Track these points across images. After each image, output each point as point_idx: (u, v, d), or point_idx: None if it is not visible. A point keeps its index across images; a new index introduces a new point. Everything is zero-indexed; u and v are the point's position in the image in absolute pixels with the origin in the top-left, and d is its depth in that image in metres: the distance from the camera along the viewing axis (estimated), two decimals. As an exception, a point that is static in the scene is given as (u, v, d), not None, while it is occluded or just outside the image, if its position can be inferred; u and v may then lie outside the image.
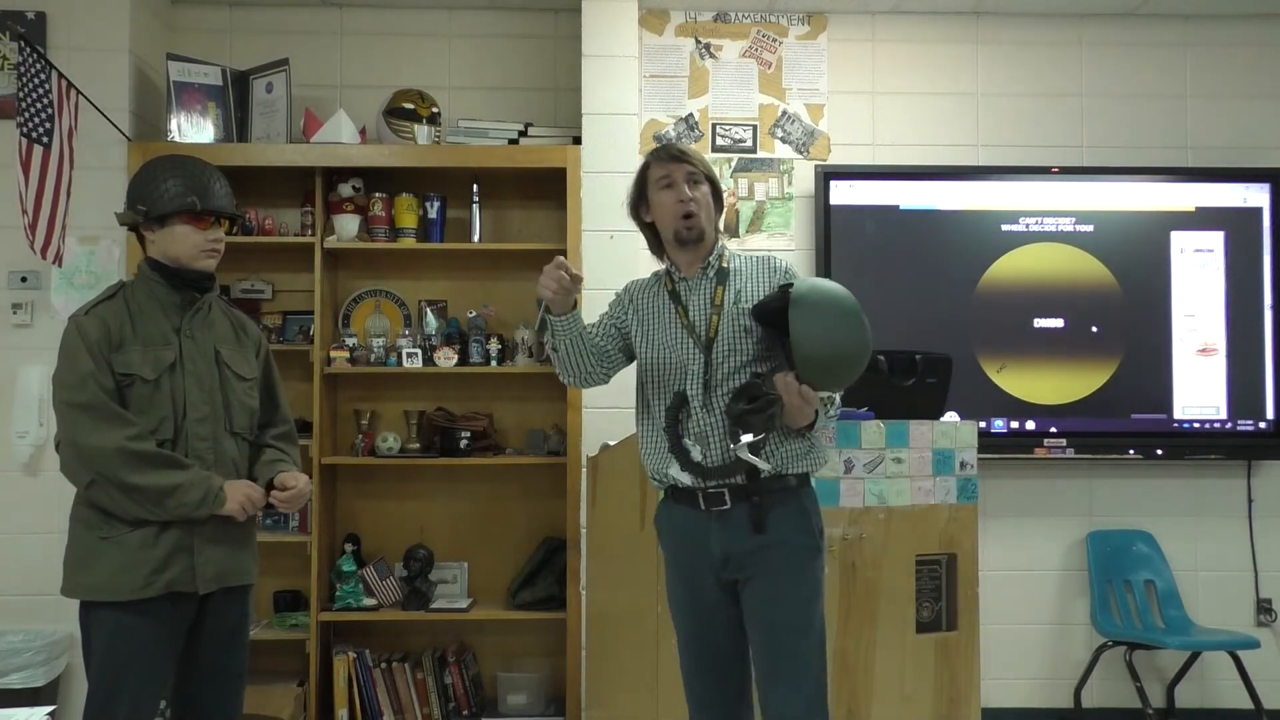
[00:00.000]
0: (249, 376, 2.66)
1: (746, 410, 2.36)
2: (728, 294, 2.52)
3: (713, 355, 2.47)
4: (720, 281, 2.54)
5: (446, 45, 4.49)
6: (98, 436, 2.41)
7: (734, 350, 2.47)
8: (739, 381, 2.45)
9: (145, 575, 2.42)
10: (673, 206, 2.52)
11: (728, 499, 2.44)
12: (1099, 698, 4.33)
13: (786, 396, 2.34)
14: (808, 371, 2.32)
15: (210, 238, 2.57)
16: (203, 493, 2.45)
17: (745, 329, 2.48)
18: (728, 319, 2.49)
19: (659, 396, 2.53)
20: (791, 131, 4.44)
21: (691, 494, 2.48)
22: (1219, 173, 4.40)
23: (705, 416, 2.46)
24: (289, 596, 4.19)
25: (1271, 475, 4.42)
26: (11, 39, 3.93)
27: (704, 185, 2.55)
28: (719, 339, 2.48)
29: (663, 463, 2.51)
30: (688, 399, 2.47)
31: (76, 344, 2.47)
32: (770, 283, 2.54)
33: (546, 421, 4.30)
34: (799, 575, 2.45)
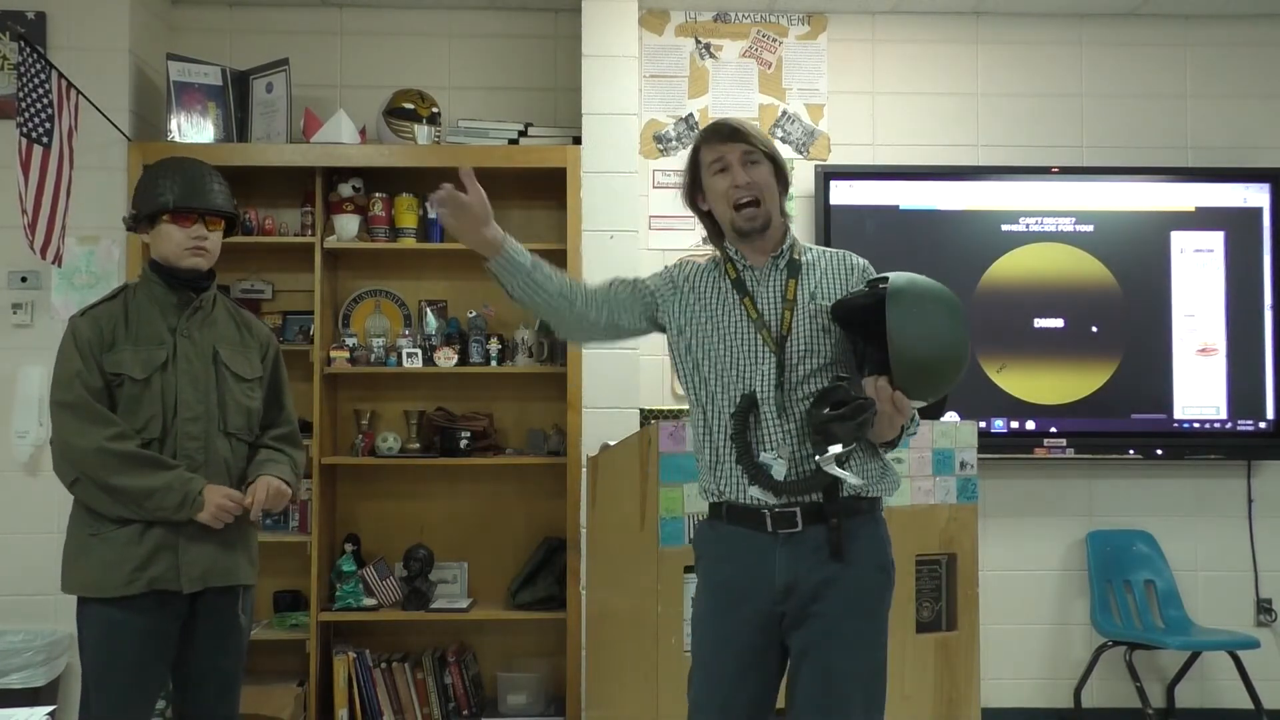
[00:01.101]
0: (249, 377, 2.66)
1: (834, 416, 2.07)
2: (801, 289, 2.24)
3: (786, 355, 2.19)
4: (792, 274, 2.25)
5: (446, 45, 4.49)
6: (79, 436, 2.45)
7: (811, 351, 2.20)
8: (815, 386, 2.18)
9: (128, 572, 2.45)
10: (728, 193, 2.24)
11: (799, 520, 2.15)
12: (1099, 698, 4.33)
13: (880, 403, 2.07)
14: (904, 376, 2.05)
15: (193, 235, 2.58)
16: (181, 496, 2.46)
17: (824, 328, 2.21)
18: (803, 315, 2.22)
19: (718, 399, 2.22)
20: (791, 131, 4.44)
21: (755, 513, 2.17)
22: (1219, 173, 4.40)
23: (781, 423, 2.17)
24: (289, 596, 4.19)
25: (1271, 475, 4.42)
26: (11, 39, 3.93)
27: (763, 165, 2.25)
28: (793, 337, 2.20)
29: (726, 475, 2.21)
30: (757, 402, 2.18)
31: (69, 344, 2.53)
32: (848, 281, 2.27)
33: (546, 421, 4.30)
34: (872, 616, 2.19)
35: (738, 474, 2.19)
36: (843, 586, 2.15)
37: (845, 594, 2.15)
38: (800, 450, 2.17)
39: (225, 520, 2.52)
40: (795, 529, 2.16)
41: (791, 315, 2.22)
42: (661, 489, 3.04)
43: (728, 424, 2.20)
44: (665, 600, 3.02)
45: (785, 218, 2.33)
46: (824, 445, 2.09)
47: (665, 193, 4.38)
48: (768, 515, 2.17)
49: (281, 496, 2.61)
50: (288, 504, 2.71)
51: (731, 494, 2.21)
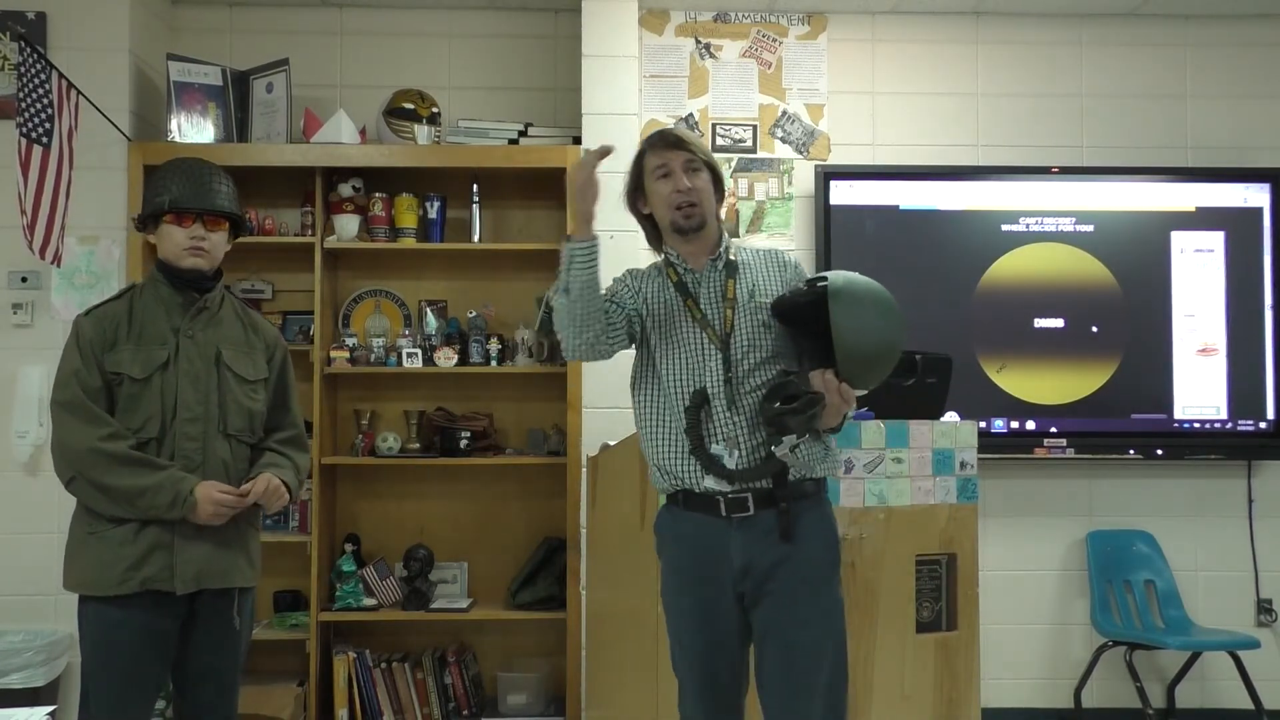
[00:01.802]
0: (252, 378, 2.65)
1: (786, 410, 2.20)
2: (740, 287, 2.39)
3: (731, 351, 2.34)
4: (730, 274, 2.40)
5: (446, 45, 4.49)
6: (73, 435, 2.46)
7: (754, 346, 2.34)
8: (760, 379, 2.32)
9: (122, 571, 2.45)
10: (670, 197, 2.38)
11: (751, 505, 2.29)
12: (1099, 698, 4.33)
13: (828, 395, 2.21)
14: (848, 368, 2.20)
15: (192, 235, 2.58)
16: (172, 495, 2.45)
17: (763, 324, 2.36)
18: (744, 313, 2.36)
19: (672, 394, 2.36)
20: (791, 131, 4.44)
21: (710, 499, 2.31)
22: (1219, 173, 4.40)
23: (731, 416, 2.31)
24: (289, 596, 4.19)
25: (1271, 475, 4.42)
26: (11, 39, 3.93)
27: (703, 173, 2.40)
28: (735, 333, 2.35)
29: (682, 465, 2.34)
30: (708, 397, 2.32)
31: (71, 343, 2.55)
32: (782, 277, 2.43)
33: (546, 421, 4.29)
34: (822, 591, 2.33)
35: (693, 465, 2.32)
36: (794, 566, 2.30)
37: (797, 573, 2.30)
38: (750, 440, 2.31)
39: (224, 515, 2.51)
40: (748, 513, 2.30)
41: (733, 313, 2.37)
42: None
43: (681, 419, 2.33)
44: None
45: (720, 222, 2.49)
46: (778, 437, 2.24)
47: (665, 193, 4.38)
48: (722, 501, 2.31)
49: (278, 496, 2.59)
50: (286, 505, 2.68)
51: (688, 483, 2.34)
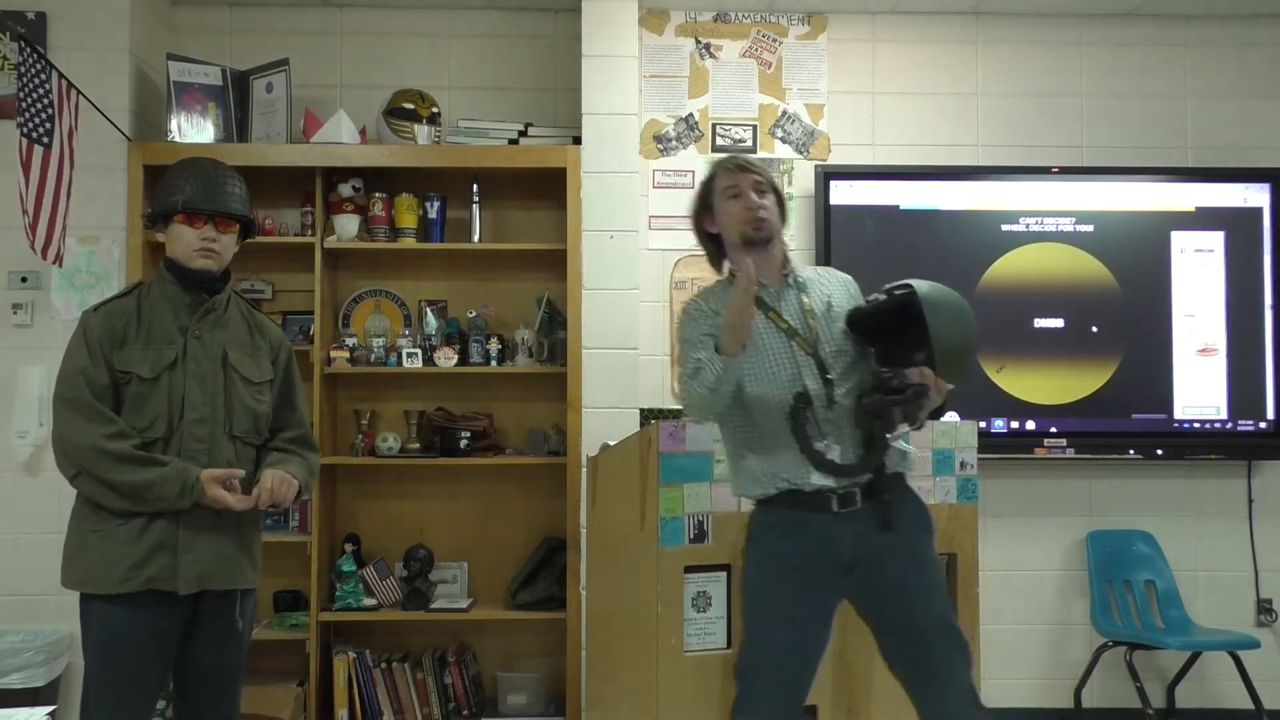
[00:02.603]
0: (257, 380, 2.65)
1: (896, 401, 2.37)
2: (815, 300, 2.57)
3: (822, 356, 2.50)
4: (801, 290, 2.59)
5: (446, 45, 4.49)
6: (77, 433, 2.46)
7: (840, 351, 2.52)
8: (849, 383, 2.49)
9: (125, 570, 2.45)
10: (741, 214, 2.55)
11: (858, 499, 2.45)
12: (1099, 698, 4.33)
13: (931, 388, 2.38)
14: (945, 361, 2.38)
15: (203, 237, 2.57)
16: (180, 485, 2.45)
17: (844, 332, 2.55)
18: (825, 321, 2.55)
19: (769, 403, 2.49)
20: (791, 131, 4.44)
21: (821, 497, 2.45)
22: (1219, 173, 4.40)
23: (830, 415, 2.47)
24: (289, 596, 4.19)
25: (1271, 475, 4.42)
26: (11, 39, 3.93)
27: (770, 195, 2.57)
28: (822, 341, 2.52)
29: (792, 467, 2.46)
30: (810, 399, 2.46)
31: (78, 340, 2.54)
32: (846, 291, 2.63)
33: (546, 421, 4.30)
34: (928, 568, 2.51)
35: (803, 464, 2.44)
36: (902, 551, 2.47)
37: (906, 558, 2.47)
38: (852, 437, 2.47)
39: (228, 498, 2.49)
40: (856, 507, 2.45)
41: (815, 323, 2.54)
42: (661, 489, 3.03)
43: (785, 422, 2.46)
44: (665, 600, 3.01)
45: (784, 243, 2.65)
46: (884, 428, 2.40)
47: (665, 193, 4.38)
48: (834, 498, 2.45)
49: (287, 485, 2.57)
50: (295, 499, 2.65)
51: (797, 483, 2.46)
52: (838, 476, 2.44)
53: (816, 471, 2.44)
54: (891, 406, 2.38)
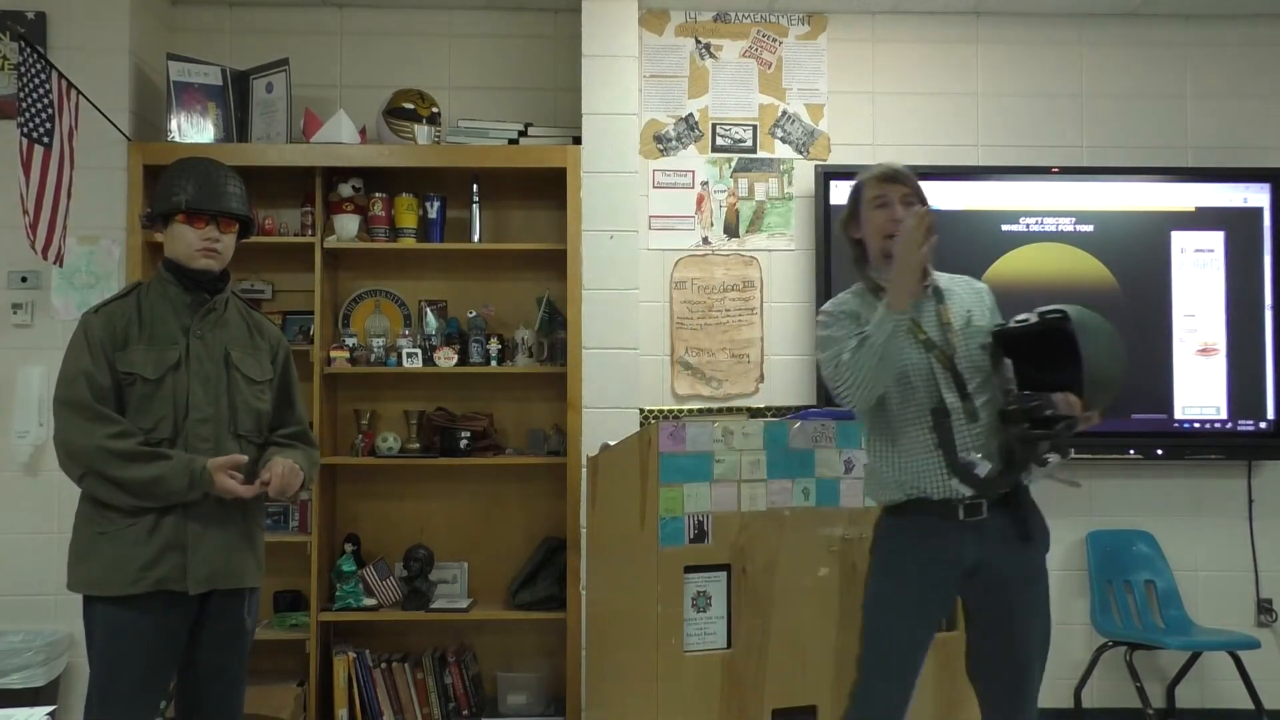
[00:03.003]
0: (259, 379, 2.66)
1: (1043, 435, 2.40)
2: (953, 312, 2.59)
3: (959, 369, 2.52)
4: (939, 300, 2.60)
5: (446, 45, 4.49)
6: (80, 435, 2.45)
7: (976, 366, 2.54)
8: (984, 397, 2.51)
9: (135, 571, 2.45)
10: (885, 225, 2.57)
11: (984, 509, 2.49)
12: (1099, 698, 4.33)
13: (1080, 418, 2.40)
14: (1094, 393, 2.40)
15: (205, 237, 2.58)
16: (188, 476, 2.45)
17: (981, 346, 2.56)
18: (963, 335, 2.56)
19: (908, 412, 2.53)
20: (791, 131, 4.44)
21: (947, 505, 2.49)
22: (1219, 173, 4.40)
23: (973, 428, 2.50)
24: (289, 596, 4.19)
25: (1271, 475, 4.42)
26: (11, 39, 3.93)
27: (917, 207, 2.57)
28: (959, 354, 2.54)
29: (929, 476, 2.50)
30: (948, 412, 2.50)
31: (80, 341, 2.53)
32: (982, 303, 2.65)
33: (546, 421, 4.30)
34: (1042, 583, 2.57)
35: (942, 474, 2.48)
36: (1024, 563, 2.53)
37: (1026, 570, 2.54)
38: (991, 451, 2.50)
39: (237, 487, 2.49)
40: (981, 516, 2.49)
41: (953, 336, 2.56)
42: (661, 489, 3.04)
43: (928, 435, 2.50)
44: (665, 600, 3.02)
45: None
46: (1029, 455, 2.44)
47: (665, 193, 4.38)
48: (961, 506, 2.48)
49: (296, 476, 2.58)
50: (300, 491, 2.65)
51: (928, 490, 2.50)
52: (979, 489, 2.48)
53: (958, 482, 2.48)
54: (1041, 439, 2.41)
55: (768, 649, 3.08)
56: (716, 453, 3.05)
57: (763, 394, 4.36)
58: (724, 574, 3.07)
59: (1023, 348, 2.52)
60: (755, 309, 4.38)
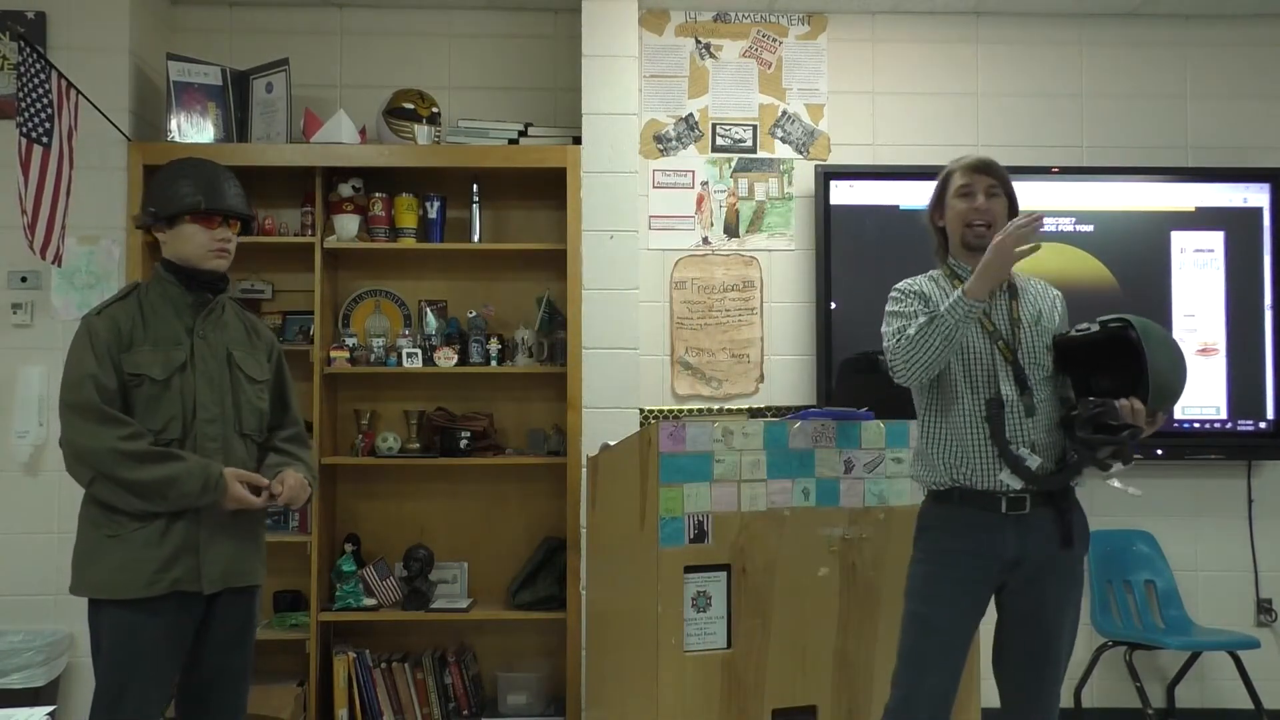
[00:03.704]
0: (260, 379, 2.67)
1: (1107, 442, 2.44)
2: (1024, 310, 2.62)
3: (1021, 363, 2.56)
4: (1013, 296, 2.63)
5: (446, 45, 4.49)
6: (91, 438, 2.43)
7: (1038, 364, 2.57)
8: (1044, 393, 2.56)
9: (150, 574, 2.44)
10: (967, 215, 2.61)
11: (1028, 504, 2.52)
12: (1099, 698, 4.33)
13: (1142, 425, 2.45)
14: (1159, 399, 2.46)
15: (218, 238, 2.59)
16: (202, 480, 2.45)
17: (1046, 346, 2.60)
18: (1030, 332, 2.59)
19: (966, 400, 2.56)
20: (791, 131, 4.44)
21: (991, 496, 2.52)
22: (1219, 173, 4.40)
23: (1029, 423, 2.53)
24: (289, 596, 4.19)
25: (1271, 475, 4.42)
26: (11, 39, 3.93)
27: (1001, 200, 2.62)
28: (1023, 350, 2.58)
29: (977, 464, 2.53)
30: (1004, 403, 2.53)
31: (84, 344, 2.51)
32: (1054, 309, 2.68)
33: (546, 421, 4.30)
34: (1077, 585, 2.60)
35: (993, 464, 2.52)
36: (1063, 562, 2.56)
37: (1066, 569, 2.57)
38: (1046, 449, 2.54)
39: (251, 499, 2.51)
40: (1024, 511, 2.52)
41: (1019, 331, 2.59)
42: (661, 489, 3.04)
43: (981, 423, 2.54)
44: (665, 600, 3.02)
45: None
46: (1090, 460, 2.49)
47: (665, 192, 4.38)
48: (1004, 499, 2.52)
49: (305, 492, 2.63)
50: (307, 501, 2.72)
51: (973, 480, 2.54)
52: (1028, 483, 2.50)
53: (1007, 474, 2.50)
54: (1104, 445, 2.45)
55: (768, 649, 3.08)
56: (716, 453, 3.05)
57: (763, 394, 4.36)
58: (724, 574, 3.07)
59: (1080, 356, 2.57)
60: (755, 309, 4.38)
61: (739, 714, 3.06)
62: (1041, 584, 2.55)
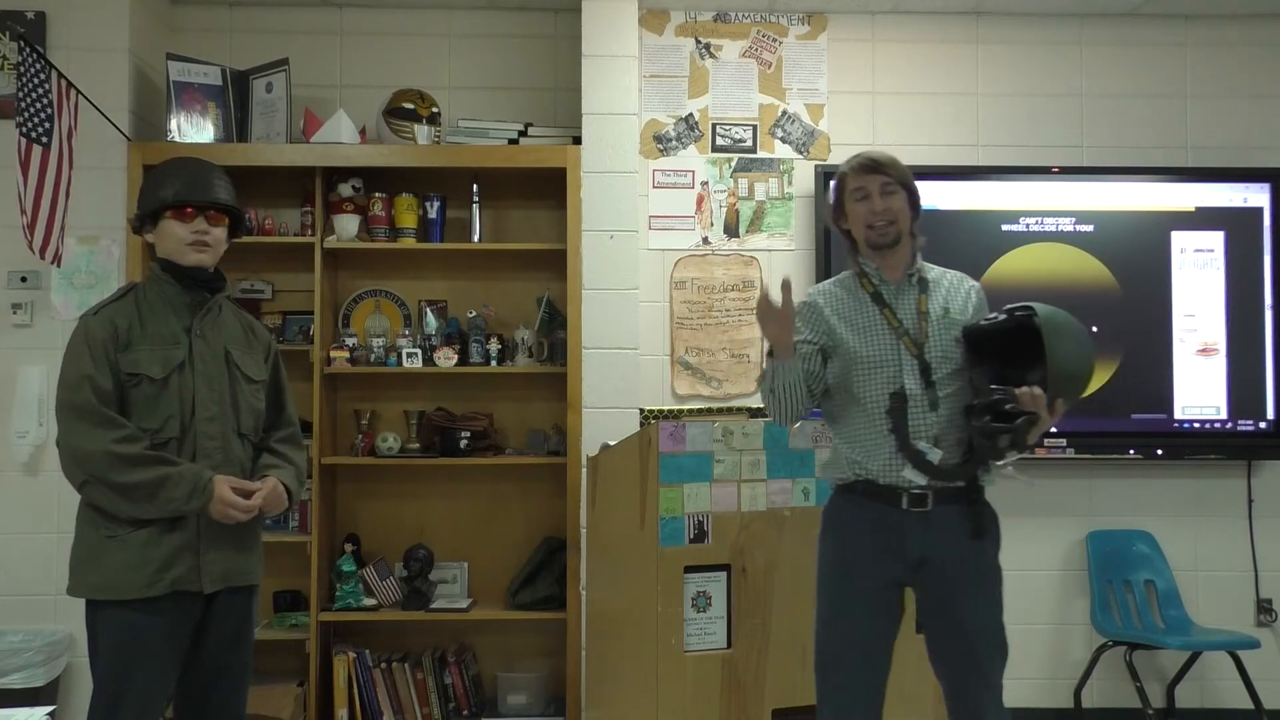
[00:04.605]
0: (257, 379, 2.67)
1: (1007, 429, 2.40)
2: (932, 303, 2.60)
3: (927, 358, 2.54)
4: (922, 290, 2.62)
5: (446, 45, 4.49)
6: (86, 439, 2.43)
7: (946, 358, 2.55)
8: (951, 388, 2.53)
9: (150, 574, 2.43)
10: (866, 217, 2.60)
11: (930, 500, 2.49)
12: (1099, 698, 4.33)
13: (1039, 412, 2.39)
14: (1058, 388, 2.41)
15: (194, 230, 2.57)
16: (191, 485, 2.44)
17: (955, 339, 2.57)
18: (937, 326, 2.57)
19: (871, 396, 2.54)
20: (791, 131, 4.43)
21: (893, 492, 2.50)
22: (1219, 173, 4.40)
23: (931, 417, 2.50)
24: (289, 596, 4.19)
25: (1271, 475, 4.42)
26: (11, 39, 3.93)
27: (899, 194, 2.60)
28: (930, 344, 2.55)
29: (880, 460, 2.51)
30: (907, 398, 2.50)
31: (80, 344, 2.50)
32: (966, 299, 2.64)
33: (546, 421, 4.30)
34: (992, 581, 2.57)
35: (895, 459, 2.49)
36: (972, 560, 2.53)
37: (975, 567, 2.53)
38: (950, 443, 2.50)
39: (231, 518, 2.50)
40: (926, 508, 2.48)
41: (927, 325, 2.57)
42: (661, 489, 3.04)
43: (884, 418, 2.51)
44: (665, 600, 3.02)
45: (914, 239, 2.65)
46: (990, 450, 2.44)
47: (665, 193, 4.38)
48: (905, 495, 2.49)
49: (280, 503, 2.60)
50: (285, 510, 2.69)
51: (879, 476, 2.51)
52: (931, 478, 2.48)
53: (909, 469, 2.48)
54: (1001, 433, 2.41)
55: (768, 649, 3.09)
56: (716, 453, 3.06)
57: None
58: (724, 574, 3.07)
59: (997, 347, 2.52)
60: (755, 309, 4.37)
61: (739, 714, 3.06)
62: (951, 586, 2.51)
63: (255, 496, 2.53)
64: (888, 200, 2.59)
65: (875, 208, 2.58)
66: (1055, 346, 2.41)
